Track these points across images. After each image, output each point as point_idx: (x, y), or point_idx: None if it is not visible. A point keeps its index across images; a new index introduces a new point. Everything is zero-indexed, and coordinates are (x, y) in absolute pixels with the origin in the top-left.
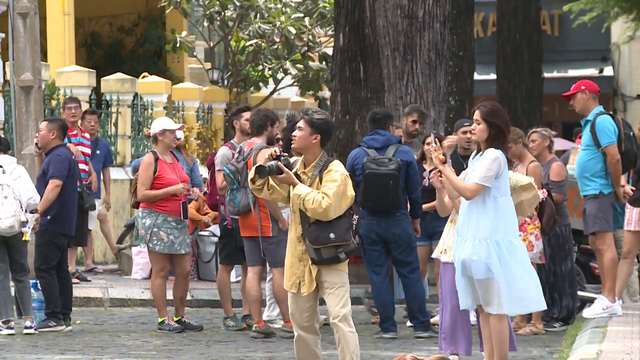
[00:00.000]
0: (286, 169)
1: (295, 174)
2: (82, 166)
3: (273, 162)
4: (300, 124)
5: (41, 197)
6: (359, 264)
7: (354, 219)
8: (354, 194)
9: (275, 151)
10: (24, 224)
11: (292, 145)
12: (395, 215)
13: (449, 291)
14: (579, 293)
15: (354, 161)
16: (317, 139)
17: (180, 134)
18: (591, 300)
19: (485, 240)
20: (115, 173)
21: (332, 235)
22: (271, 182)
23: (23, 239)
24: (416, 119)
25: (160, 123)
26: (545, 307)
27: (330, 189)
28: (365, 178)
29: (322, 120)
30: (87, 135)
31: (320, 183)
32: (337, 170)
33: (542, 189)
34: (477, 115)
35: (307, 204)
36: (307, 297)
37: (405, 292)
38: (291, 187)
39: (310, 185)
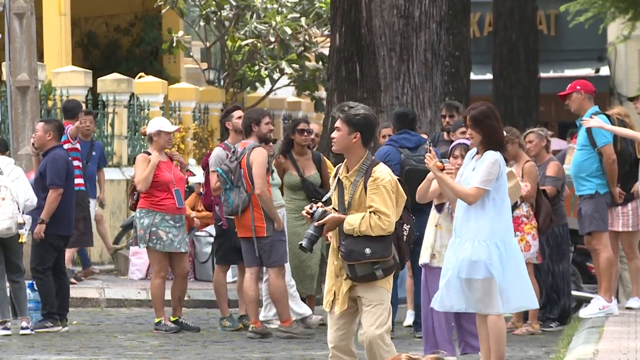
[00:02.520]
0: (326, 219)
1: (338, 179)
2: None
3: (310, 231)
4: (337, 123)
5: (38, 198)
6: None
7: (405, 228)
8: (405, 197)
9: (307, 211)
10: (21, 225)
11: (332, 148)
12: (426, 213)
13: None
14: (575, 293)
15: (385, 158)
16: (357, 137)
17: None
18: (587, 301)
19: (485, 241)
20: (111, 174)
21: (367, 251)
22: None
23: (20, 240)
24: (444, 113)
25: (157, 123)
26: (537, 306)
27: (383, 205)
28: (406, 174)
29: (360, 115)
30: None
31: (365, 192)
32: (383, 178)
33: (526, 184)
34: (467, 120)
35: (368, 232)
36: (340, 314)
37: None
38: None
39: (352, 194)
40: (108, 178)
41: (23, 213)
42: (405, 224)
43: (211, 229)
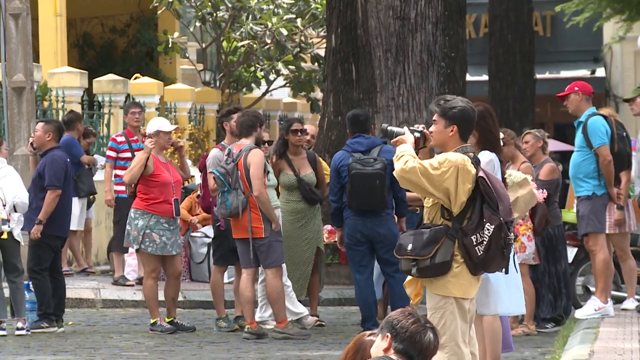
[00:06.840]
0: (399, 138)
1: None
2: None
3: (393, 129)
4: (434, 117)
5: (35, 199)
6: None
7: (488, 228)
8: (447, 187)
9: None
10: (4, 221)
11: (430, 143)
12: (381, 215)
13: None
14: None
15: (339, 163)
16: (454, 130)
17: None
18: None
19: None
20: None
21: (409, 247)
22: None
23: (1, 237)
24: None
25: (155, 124)
26: (524, 311)
27: (430, 161)
28: (352, 178)
29: (457, 108)
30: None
31: None
32: (449, 156)
33: (542, 190)
34: None
35: (396, 162)
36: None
37: (390, 291)
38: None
39: None
40: (103, 179)
41: (14, 211)
42: (488, 223)
43: (206, 230)
